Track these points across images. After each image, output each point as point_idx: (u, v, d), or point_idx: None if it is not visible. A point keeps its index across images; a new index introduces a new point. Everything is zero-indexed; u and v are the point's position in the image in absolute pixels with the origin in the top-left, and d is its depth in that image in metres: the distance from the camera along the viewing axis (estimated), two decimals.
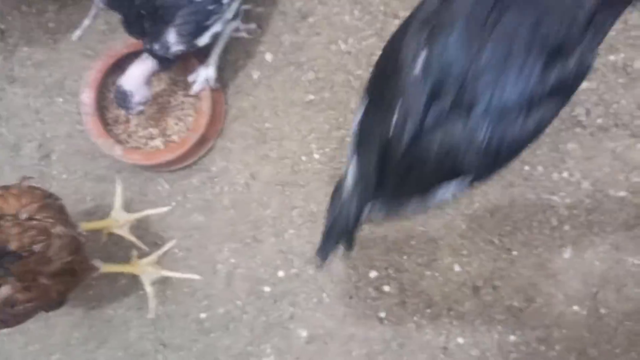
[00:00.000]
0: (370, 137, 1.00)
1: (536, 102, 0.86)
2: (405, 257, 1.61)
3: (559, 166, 1.56)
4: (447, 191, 1.01)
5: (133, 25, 1.31)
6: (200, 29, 1.31)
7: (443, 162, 0.91)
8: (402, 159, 0.92)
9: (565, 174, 1.56)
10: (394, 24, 1.64)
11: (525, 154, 1.55)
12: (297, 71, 1.66)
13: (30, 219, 1.12)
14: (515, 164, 1.58)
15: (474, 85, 0.85)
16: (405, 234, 1.61)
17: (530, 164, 1.57)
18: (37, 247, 1.10)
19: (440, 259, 1.60)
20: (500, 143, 0.89)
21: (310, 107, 1.66)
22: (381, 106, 0.97)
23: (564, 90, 0.90)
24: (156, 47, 1.30)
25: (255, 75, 1.68)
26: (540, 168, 1.57)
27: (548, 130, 1.53)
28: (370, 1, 1.64)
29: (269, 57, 1.68)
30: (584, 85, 1.57)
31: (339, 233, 1.14)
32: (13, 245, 1.06)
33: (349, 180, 1.10)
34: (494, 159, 0.92)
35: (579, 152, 1.56)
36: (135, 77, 1.39)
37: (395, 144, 0.92)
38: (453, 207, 1.60)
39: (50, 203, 1.19)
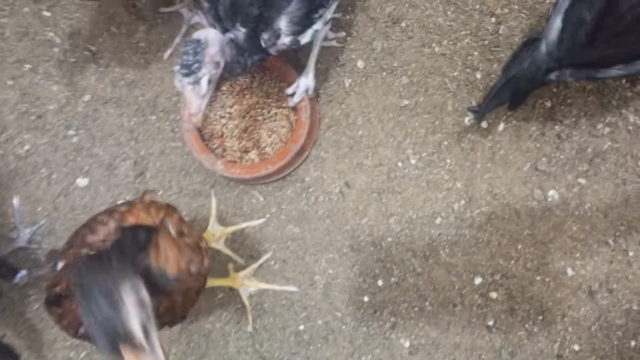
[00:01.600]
0: None
1: None
2: (512, 262, 1.52)
3: None
4: None
5: (236, 14, 1.25)
6: (309, 21, 1.26)
7: None
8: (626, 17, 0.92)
9: None
10: (491, 22, 1.56)
11: (637, 150, 1.46)
12: (389, 76, 1.61)
13: (180, 233, 1.08)
14: (628, 160, 1.48)
15: None
16: (510, 238, 1.52)
17: None
18: (193, 269, 1.06)
19: (551, 263, 1.50)
20: None
21: (405, 112, 1.60)
22: None
23: None
24: (265, 36, 1.25)
25: (347, 82, 1.63)
26: None
27: None
28: (465, 1, 1.57)
29: (360, 64, 1.63)
30: None
31: (516, 88, 1.18)
32: (171, 270, 1.01)
33: (553, 35, 1.10)
34: None
35: None
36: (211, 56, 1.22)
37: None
38: (562, 208, 1.50)
39: (178, 215, 1.15)
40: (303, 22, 1.25)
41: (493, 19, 1.56)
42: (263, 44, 1.26)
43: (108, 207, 1.17)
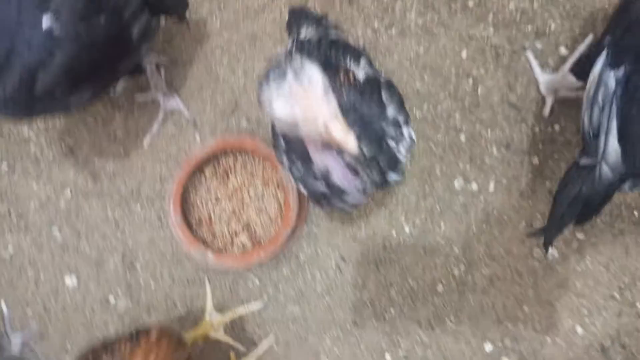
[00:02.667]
0: None
1: None
2: (520, 324, 1.46)
3: None
4: None
5: None
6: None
7: None
8: None
9: None
10: (468, 84, 1.54)
11: (632, 200, 1.42)
12: None
13: None
14: (623, 211, 1.44)
15: None
16: (515, 300, 1.47)
17: (639, 209, 1.43)
18: None
19: (560, 322, 1.45)
20: None
21: None
22: None
23: None
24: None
25: None
26: None
27: None
28: (440, 65, 1.54)
29: None
30: None
31: (586, 209, 1.13)
32: None
33: (613, 157, 1.06)
34: None
35: None
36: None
37: None
38: (563, 265, 1.45)
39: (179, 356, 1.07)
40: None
41: (470, 80, 1.53)
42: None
43: (106, 342, 1.09)
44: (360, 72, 1.09)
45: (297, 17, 1.29)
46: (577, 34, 1.49)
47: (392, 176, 1.07)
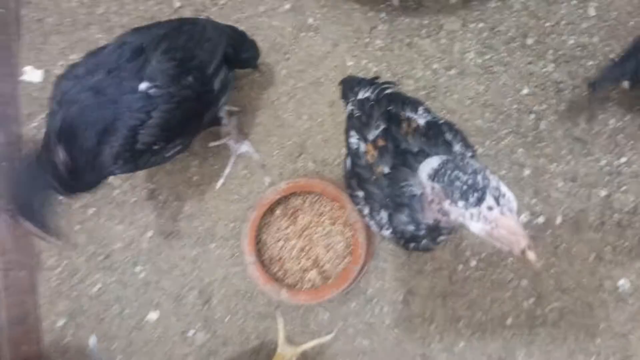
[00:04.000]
0: None
1: None
2: (593, 358, 1.43)
3: None
4: None
5: None
6: None
7: None
8: None
9: None
10: (530, 119, 1.55)
11: None
12: None
13: None
14: None
15: None
16: (587, 333, 1.44)
17: None
18: None
19: (635, 355, 1.41)
20: None
21: None
22: None
23: None
24: None
25: None
26: None
27: None
28: (501, 102, 1.56)
29: None
30: None
31: None
32: None
33: None
34: None
35: None
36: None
37: None
38: (635, 296, 1.42)
39: None
40: None
41: (532, 116, 1.54)
42: None
43: None
44: (421, 119, 1.13)
45: (350, 84, 1.35)
46: None
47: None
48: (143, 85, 1.13)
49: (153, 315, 1.73)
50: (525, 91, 1.55)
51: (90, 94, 1.14)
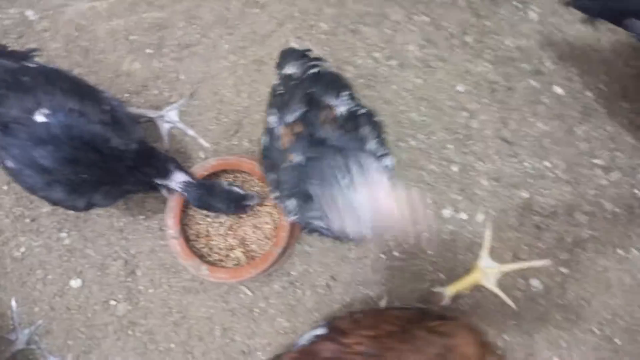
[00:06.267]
0: None
1: None
2: (499, 352, 1.45)
3: None
4: None
5: None
6: None
7: None
8: None
9: None
10: (463, 116, 1.53)
11: (617, 237, 1.40)
12: None
13: None
14: (607, 248, 1.42)
15: None
16: (497, 329, 1.46)
17: (623, 247, 1.41)
18: None
19: (538, 353, 1.43)
20: None
21: None
22: None
23: None
24: None
25: None
26: (634, 251, 1.40)
27: (637, 211, 1.38)
28: (436, 96, 1.54)
29: None
30: None
31: None
32: None
33: None
34: None
35: None
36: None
37: None
38: (545, 298, 1.44)
39: None
40: None
41: (465, 113, 1.52)
42: None
43: None
44: (342, 106, 1.10)
45: (285, 55, 1.30)
46: (573, 73, 1.48)
47: None
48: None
49: (76, 283, 1.68)
50: (460, 88, 1.53)
51: None
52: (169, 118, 1.68)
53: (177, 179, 1.39)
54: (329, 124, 1.05)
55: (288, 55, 1.27)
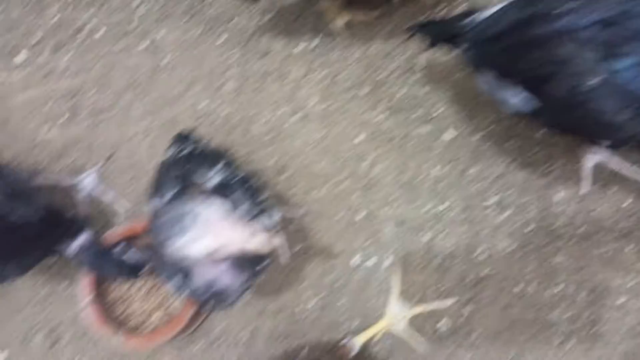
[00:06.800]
0: None
1: None
2: None
3: (552, 281, 1.45)
4: None
5: None
6: None
7: None
8: None
9: (559, 288, 1.45)
10: (364, 164, 1.59)
11: (514, 273, 1.46)
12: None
13: None
14: (506, 284, 1.47)
15: None
16: None
17: (522, 282, 1.46)
18: None
19: None
20: None
21: (299, 256, 1.59)
22: None
23: None
24: None
25: None
26: (533, 285, 1.46)
27: (532, 246, 1.44)
28: (338, 147, 1.60)
29: None
30: (560, 196, 1.48)
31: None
32: None
33: None
34: None
35: (568, 263, 1.45)
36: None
37: None
38: (452, 339, 1.48)
39: None
40: None
41: (366, 162, 1.58)
42: None
43: None
44: (215, 178, 1.15)
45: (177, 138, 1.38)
46: (462, 117, 1.55)
47: None
48: None
49: (2, 355, 1.67)
50: (360, 138, 1.59)
51: None
52: (87, 184, 1.70)
53: (76, 244, 1.41)
54: (199, 197, 1.10)
55: (176, 138, 1.35)
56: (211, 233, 0.94)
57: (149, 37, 1.78)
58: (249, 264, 1.15)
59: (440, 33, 1.32)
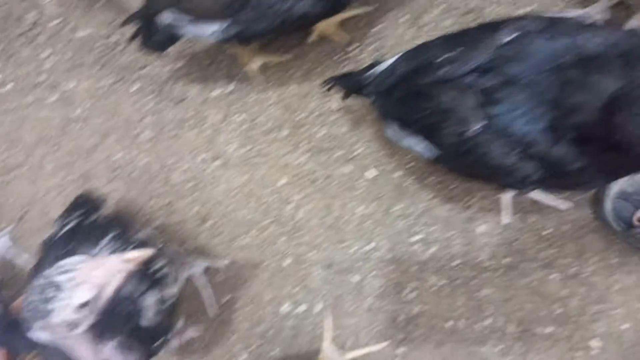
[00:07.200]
0: None
1: None
2: None
3: (481, 314, 1.44)
4: None
5: None
6: None
7: None
8: None
9: (489, 321, 1.44)
10: (290, 209, 1.55)
11: (444, 309, 1.44)
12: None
13: None
14: (437, 321, 1.46)
15: None
16: None
17: (452, 318, 1.45)
18: None
19: None
20: None
21: (227, 308, 1.53)
22: None
23: None
24: None
25: None
26: (462, 321, 1.44)
27: (459, 281, 1.43)
28: (261, 193, 1.56)
29: None
30: (482, 228, 1.48)
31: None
32: None
33: None
34: None
35: (495, 295, 1.45)
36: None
37: None
38: None
39: None
40: None
41: (291, 205, 1.55)
42: None
43: None
44: (104, 253, 1.09)
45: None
46: (383, 155, 1.54)
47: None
48: None
49: None
50: (283, 181, 1.56)
51: None
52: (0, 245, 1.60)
53: None
54: None
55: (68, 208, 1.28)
56: (81, 283, 0.87)
57: (60, 89, 1.71)
58: (140, 342, 1.08)
59: (351, 86, 1.32)
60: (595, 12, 1.42)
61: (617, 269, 1.40)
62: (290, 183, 1.56)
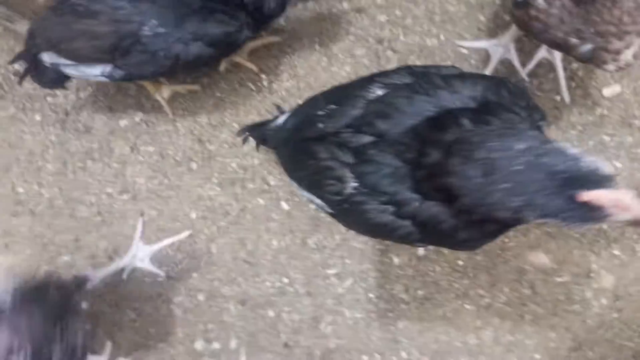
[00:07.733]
0: None
1: None
2: None
3: (395, 347, 1.43)
4: None
5: None
6: None
7: None
8: None
9: (403, 354, 1.43)
10: (200, 243, 1.50)
11: (360, 343, 1.42)
12: None
13: None
14: (352, 355, 1.44)
15: None
16: None
17: (367, 353, 1.43)
18: None
19: None
20: None
21: (140, 347, 1.48)
22: None
23: None
24: None
25: None
26: (377, 355, 1.43)
27: (374, 314, 1.41)
28: (173, 226, 1.50)
29: None
30: (397, 260, 1.46)
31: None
32: None
33: None
34: None
35: (410, 328, 1.43)
36: None
37: None
38: None
39: None
40: None
41: (203, 239, 1.49)
42: None
43: None
44: None
45: None
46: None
47: None
48: None
49: None
50: (194, 215, 1.50)
51: None
52: None
53: None
54: None
55: None
56: None
57: None
58: None
59: (259, 136, 1.27)
60: (504, 43, 1.40)
61: (529, 299, 1.40)
62: (202, 217, 1.50)
